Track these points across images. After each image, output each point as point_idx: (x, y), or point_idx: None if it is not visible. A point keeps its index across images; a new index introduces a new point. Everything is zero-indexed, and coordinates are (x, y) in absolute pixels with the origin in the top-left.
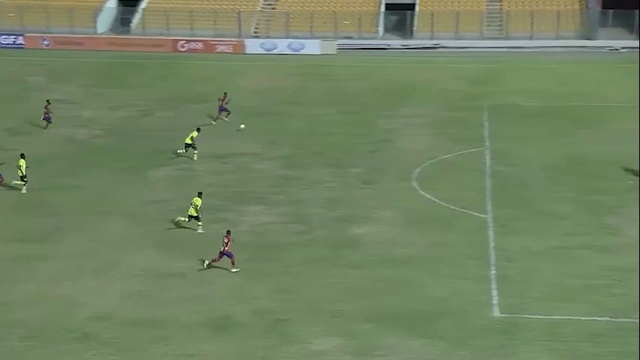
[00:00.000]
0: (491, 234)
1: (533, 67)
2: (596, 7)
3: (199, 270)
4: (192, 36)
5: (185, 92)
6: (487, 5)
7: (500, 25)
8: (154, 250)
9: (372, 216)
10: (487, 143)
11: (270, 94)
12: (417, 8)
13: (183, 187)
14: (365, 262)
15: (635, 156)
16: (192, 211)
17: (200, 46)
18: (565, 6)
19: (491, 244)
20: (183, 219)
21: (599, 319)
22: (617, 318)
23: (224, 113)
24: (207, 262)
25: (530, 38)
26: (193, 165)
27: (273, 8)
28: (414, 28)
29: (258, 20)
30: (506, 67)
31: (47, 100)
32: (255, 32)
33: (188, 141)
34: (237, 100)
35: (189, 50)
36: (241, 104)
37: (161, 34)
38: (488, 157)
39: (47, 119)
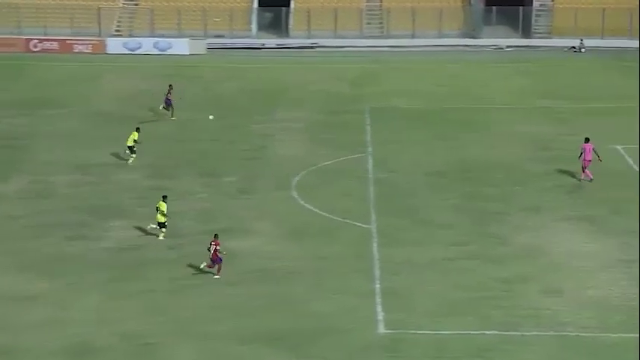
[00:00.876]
0: (375, 245)
1: (415, 68)
2: (479, 4)
3: (194, 273)
4: (47, 35)
5: (39, 96)
6: (367, 2)
7: (381, 23)
8: (10, 271)
9: (248, 228)
10: (369, 149)
11: (135, 98)
12: (292, 5)
13: (39, 201)
14: (242, 278)
15: (520, 159)
16: (159, 218)
17: (55, 45)
18: (447, 3)
19: (376, 256)
20: (153, 226)
21: (487, 332)
22: (506, 331)
23: (167, 107)
24: (203, 264)
25: (412, 37)
26: (50, 177)
27: (136, 4)
28: (290, 26)
29: (120, 17)
30: (388, 67)
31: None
32: (117, 30)
33: (130, 143)
34: (99, 104)
35: (43, 50)
36: (102, 109)
37: (11, 33)
38: (370, 164)
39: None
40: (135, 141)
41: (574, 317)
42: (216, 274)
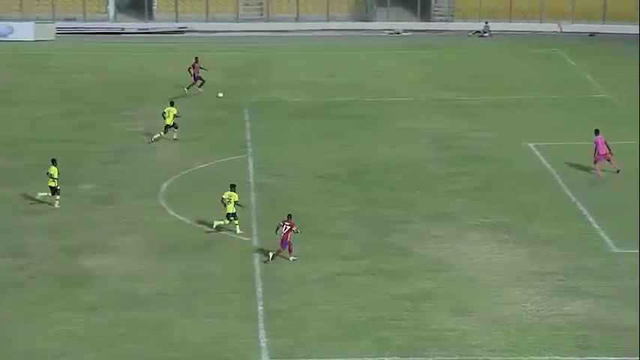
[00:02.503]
0: (257, 261)
1: (301, 56)
2: None
3: (265, 262)
4: None
5: None
6: None
7: (260, 5)
8: None
9: (109, 244)
10: (250, 149)
11: None
12: None
13: None
14: (101, 302)
15: (422, 159)
16: (230, 208)
17: None
18: None
19: (259, 274)
20: (222, 222)
21: (386, 358)
22: (407, 356)
23: (198, 82)
24: (271, 254)
25: (297, 20)
26: None
27: None
28: (154, 7)
29: None
30: (270, 55)
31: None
32: None
33: (170, 121)
34: None
35: None
36: None
37: None
38: (251, 167)
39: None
40: (175, 115)
41: (483, 339)
42: (292, 256)
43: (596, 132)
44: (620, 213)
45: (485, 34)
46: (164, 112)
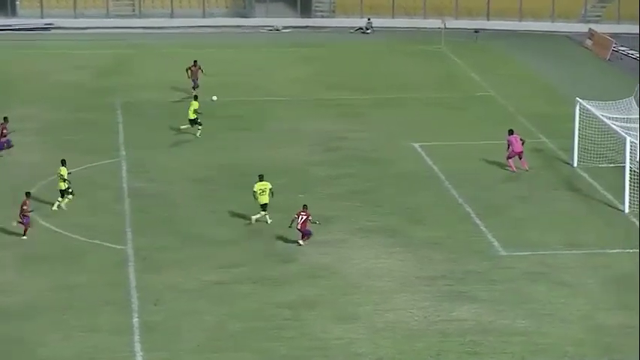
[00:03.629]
0: (132, 270)
1: (175, 54)
2: None
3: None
4: None
5: None
6: None
7: (132, 0)
8: None
9: None
10: (123, 152)
11: None
12: None
13: None
14: None
15: (304, 162)
16: (265, 199)
17: None
18: None
19: (133, 284)
20: (259, 215)
21: None
22: None
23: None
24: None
25: (171, 16)
26: None
27: None
28: (17, 2)
29: None
30: (142, 52)
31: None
32: None
33: (192, 116)
34: None
35: None
36: None
37: None
38: (124, 171)
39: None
40: (196, 111)
41: (369, 347)
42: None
43: (510, 132)
44: (507, 214)
45: (368, 31)
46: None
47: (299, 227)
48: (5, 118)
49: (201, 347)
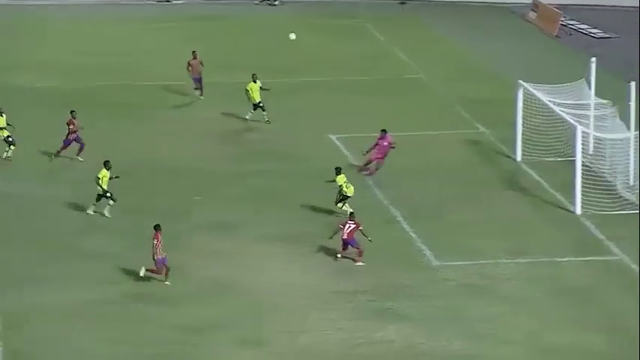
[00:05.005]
0: None
1: (47, 29)
2: None
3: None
4: None
5: None
6: None
7: None
8: None
9: None
10: None
11: None
12: None
13: None
14: None
15: (201, 157)
16: (348, 190)
17: None
18: None
19: None
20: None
21: None
22: None
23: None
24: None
25: None
26: None
27: None
28: None
29: None
30: (9, 30)
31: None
32: None
33: (255, 98)
34: None
35: None
36: None
37: None
38: None
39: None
40: (262, 88)
41: None
42: (359, 261)
43: (384, 131)
44: (440, 218)
45: (276, 3)
46: (247, 90)
47: (345, 237)
48: (72, 112)
49: None
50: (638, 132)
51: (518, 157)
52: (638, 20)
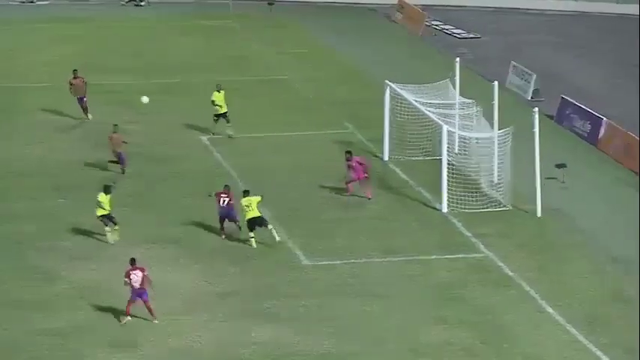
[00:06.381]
0: None
1: None
2: None
3: None
4: None
5: None
6: None
7: None
8: None
9: None
10: None
11: None
12: None
13: None
14: None
15: (66, 160)
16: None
17: None
18: None
19: None
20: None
21: None
22: None
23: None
24: None
25: None
26: None
27: None
28: None
29: None
30: None
31: None
32: None
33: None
34: None
35: None
36: None
37: None
38: None
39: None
40: None
41: None
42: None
43: (349, 153)
44: (309, 218)
45: (142, 3)
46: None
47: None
48: (115, 126)
49: None
50: (501, 131)
51: (386, 157)
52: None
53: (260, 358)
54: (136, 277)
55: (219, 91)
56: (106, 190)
